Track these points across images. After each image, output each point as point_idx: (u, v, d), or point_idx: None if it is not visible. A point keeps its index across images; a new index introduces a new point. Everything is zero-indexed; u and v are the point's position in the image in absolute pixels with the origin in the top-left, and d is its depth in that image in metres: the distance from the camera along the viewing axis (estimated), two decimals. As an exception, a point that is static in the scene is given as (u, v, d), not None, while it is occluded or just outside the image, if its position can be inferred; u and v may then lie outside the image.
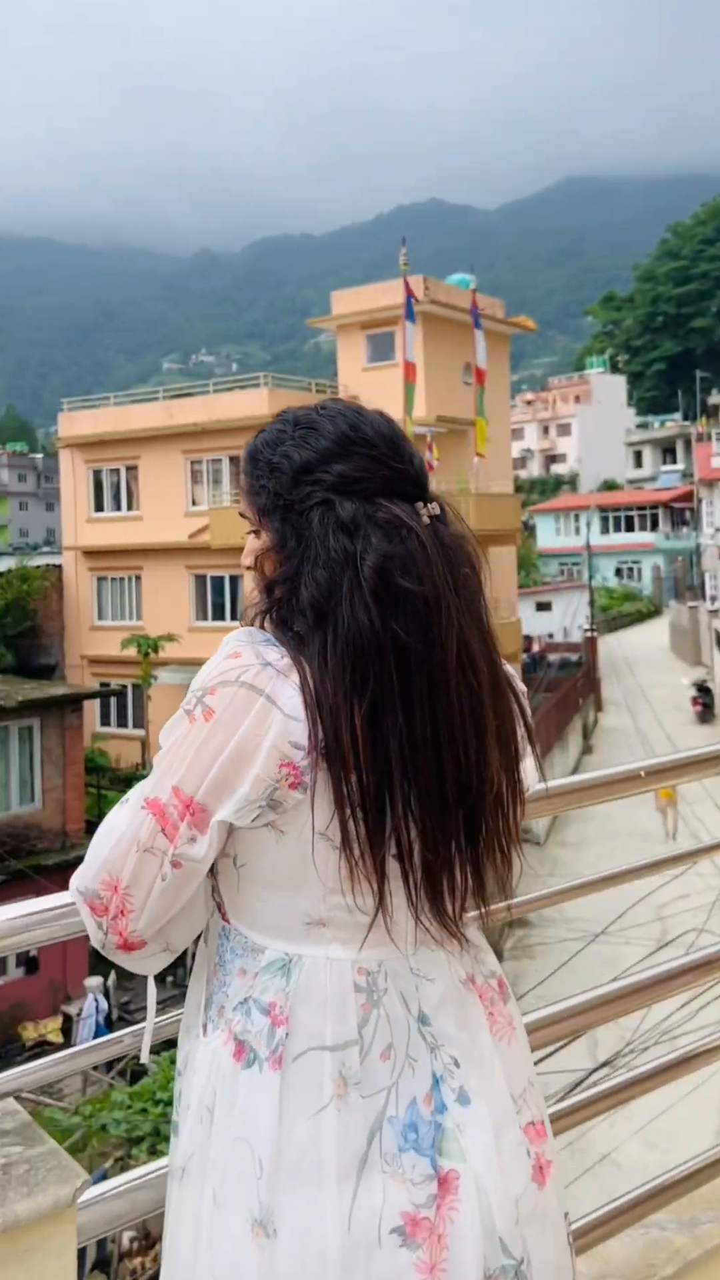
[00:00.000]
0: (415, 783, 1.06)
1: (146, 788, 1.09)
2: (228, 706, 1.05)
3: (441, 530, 1.14)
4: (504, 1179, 1.07)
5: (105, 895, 1.08)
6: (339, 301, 29.50)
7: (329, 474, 1.13)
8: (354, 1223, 1.00)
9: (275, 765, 1.04)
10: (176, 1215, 1.12)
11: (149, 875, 1.06)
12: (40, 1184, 1.08)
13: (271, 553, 1.16)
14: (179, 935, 1.14)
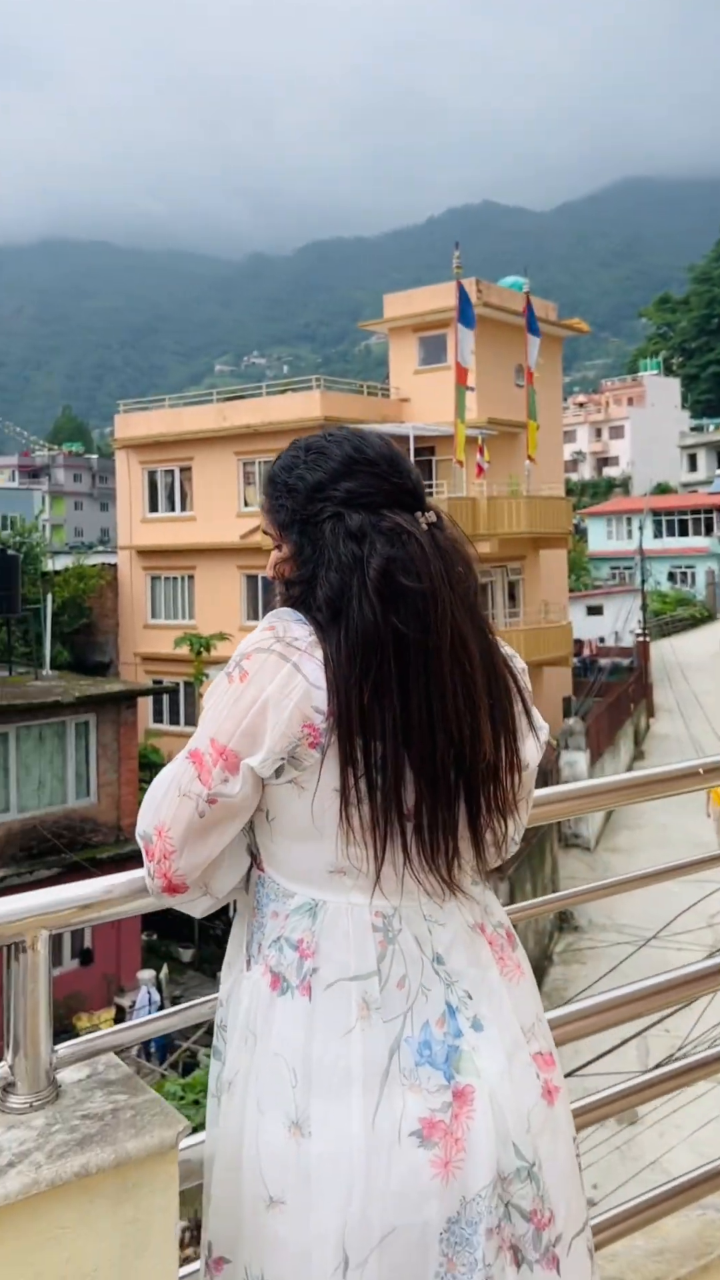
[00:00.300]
0: (410, 752, 1.20)
1: (191, 742, 1.26)
2: (260, 669, 1.21)
3: (438, 535, 1.29)
4: (516, 1094, 1.21)
5: (154, 839, 1.24)
6: (391, 304, 29.59)
7: (338, 491, 1.30)
8: (377, 1125, 1.15)
9: (298, 724, 1.19)
10: (223, 1124, 1.26)
11: (186, 816, 1.22)
12: (147, 1126, 1.18)
13: (291, 561, 1.32)
14: (219, 882, 1.28)
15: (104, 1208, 1.15)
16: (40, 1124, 1.19)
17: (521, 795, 1.34)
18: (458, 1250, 1.14)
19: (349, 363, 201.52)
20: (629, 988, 1.84)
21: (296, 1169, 1.16)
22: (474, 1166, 1.15)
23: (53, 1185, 1.10)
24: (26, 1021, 1.24)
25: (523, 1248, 1.19)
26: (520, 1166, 1.19)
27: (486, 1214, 1.15)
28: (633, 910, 19.38)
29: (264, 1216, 1.19)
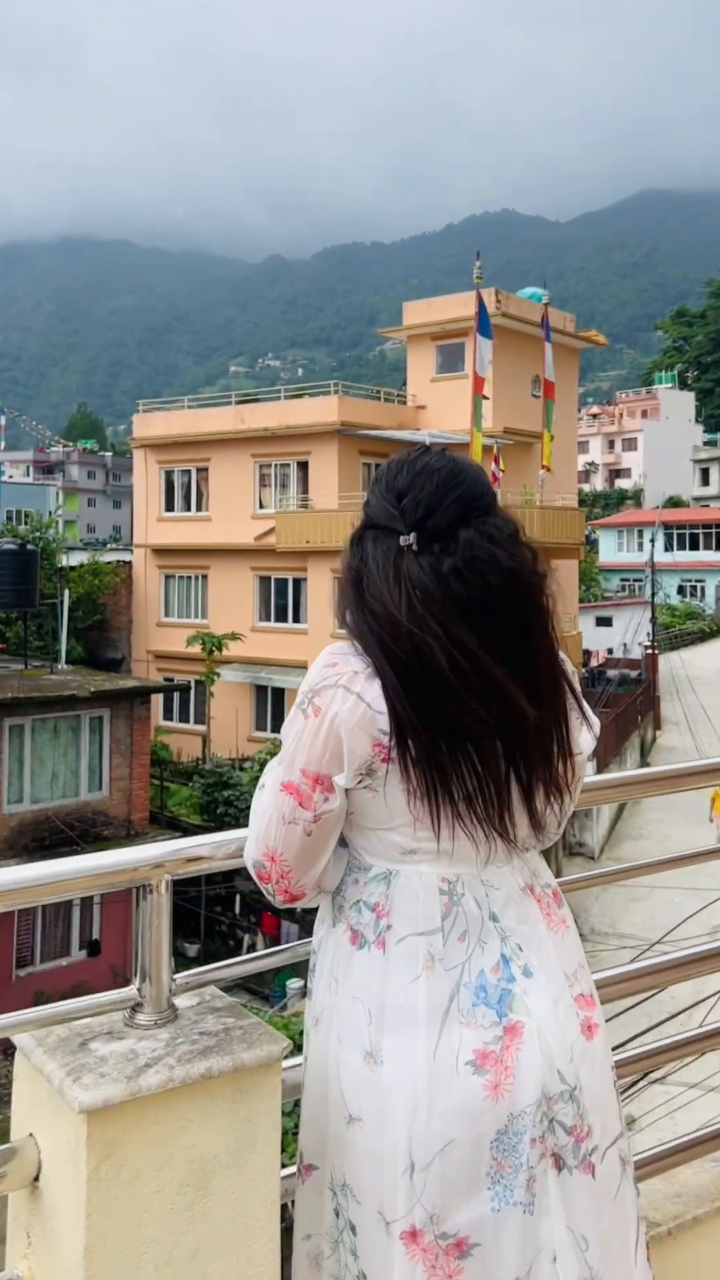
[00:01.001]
0: (460, 753, 1.39)
1: (280, 774, 1.44)
2: (330, 703, 1.41)
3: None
4: (560, 1030, 1.42)
5: (267, 865, 1.45)
6: (410, 312, 29.82)
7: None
8: (438, 1056, 1.36)
9: (369, 744, 1.39)
10: (312, 1052, 1.48)
11: (297, 839, 1.43)
12: (256, 1041, 1.40)
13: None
14: (328, 879, 1.49)
15: (222, 1106, 1.36)
16: (165, 1037, 1.40)
17: (574, 779, 1.53)
18: (506, 1155, 1.35)
19: (364, 367, 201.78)
20: (658, 959, 2.05)
21: (371, 1092, 1.38)
22: (521, 1088, 1.36)
23: (183, 1083, 1.31)
24: (153, 952, 1.46)
25: (564, 1155, 1.39)
26: (563, 1089, 1.40)
27: (531, 1126, 1.36)
28: (635, 920, 19.56)
29: (345, 1131, 1.41)
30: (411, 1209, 1.33)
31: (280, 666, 28.35)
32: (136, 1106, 1.29)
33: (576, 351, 32.67)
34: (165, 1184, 1.32)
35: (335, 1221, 1.43)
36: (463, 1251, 1.33)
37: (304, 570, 27.76)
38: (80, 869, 1.45)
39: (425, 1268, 1.33)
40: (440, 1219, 1.33)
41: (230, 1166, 1.36)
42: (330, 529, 26.53)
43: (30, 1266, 1.39)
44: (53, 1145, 1.35)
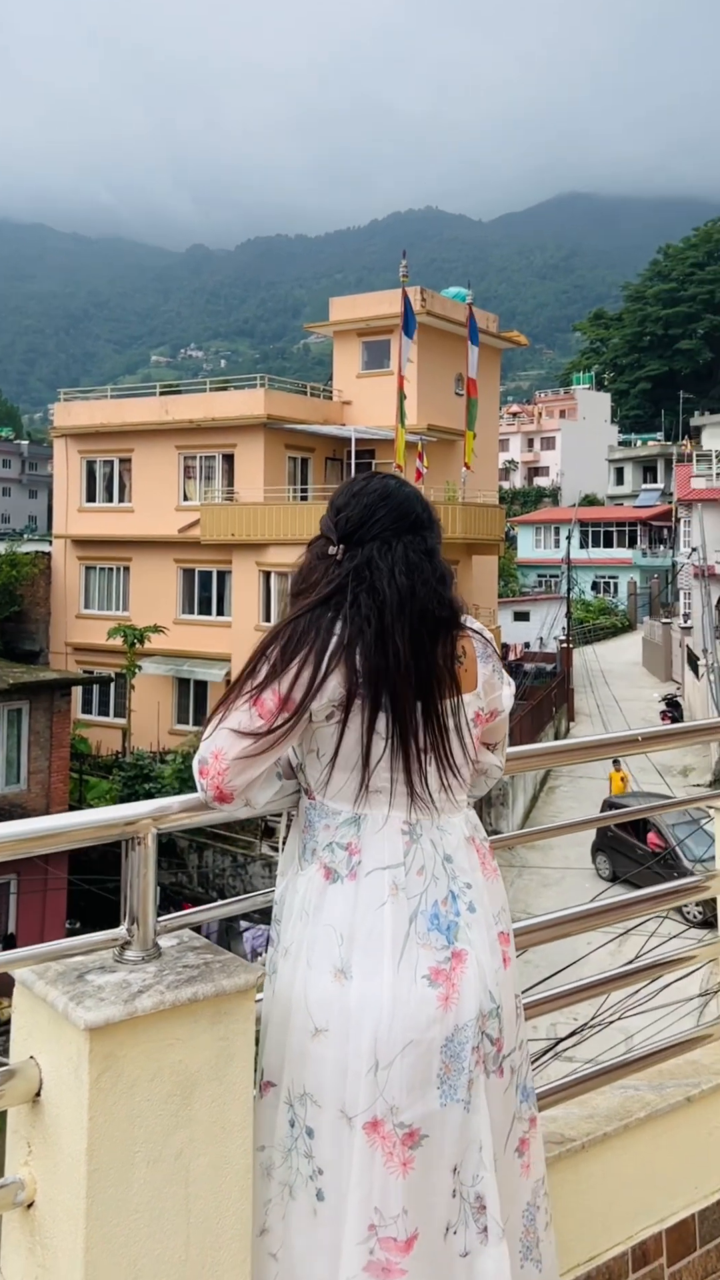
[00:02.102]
0: (415, 702, 1.65)
1: (251, 691, 1.64)
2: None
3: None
4: (490, 958, 1.68)
5: (210, 761, 1.64)
6: (337, 308, 30.02)
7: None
8: (400, 970, 1.60)
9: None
10: (280, 981, 1.69)
11: (242, 747, 1.61)
12: (234, 972, 1.60)
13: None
14: (258, 796, 1.69)
15: (204, 1027, 1.56)
16: (153, 970, 1.59)
17: (497, 736, 1.85)
18: (451, 1059, 1.60)
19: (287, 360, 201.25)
20: (580, 907, 2.31)
21: (339, 1004, 1.60)
22: (464, 1004, 1.62)
23: (173, 1005, 1.51)
24: (140, 897, 1.65)
25: (487, 1062, 1.66)
26: (491, 1008, 1.66)
27: (472, 1036, 1.62)
28: (547, 903, 20.09)
29: (309, 1044, 1.62)
30: (374, 1102, 1.56)
31: (203, 659, 28.34)
32: (131, 1026, 1.49)
33: (499, 351, 33.25)
34: (155, 1093, 1.51)
35: (290, 1131, 1.65)
36: (414, 1142, 1.57)
37: (228, 563, 27.79)
38: (76, 823, 1.63)
39: (383, 1154, 1.56)
40: (398, 1110, 1.56)
41: (211, 1079, 1.57)
42: (256, 522, 26.61)
43: (31, 1172, 1.58)
44: (54, 1063, 1.53)
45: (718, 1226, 2.36)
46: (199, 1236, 1.55)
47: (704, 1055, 2.49)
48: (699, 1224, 2.32)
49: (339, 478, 29.36)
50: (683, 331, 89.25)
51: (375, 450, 28.75)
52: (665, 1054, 2.40)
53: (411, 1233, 1.55)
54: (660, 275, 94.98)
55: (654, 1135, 2.28)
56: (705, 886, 2.54)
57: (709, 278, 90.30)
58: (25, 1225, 1.58)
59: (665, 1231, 2.26)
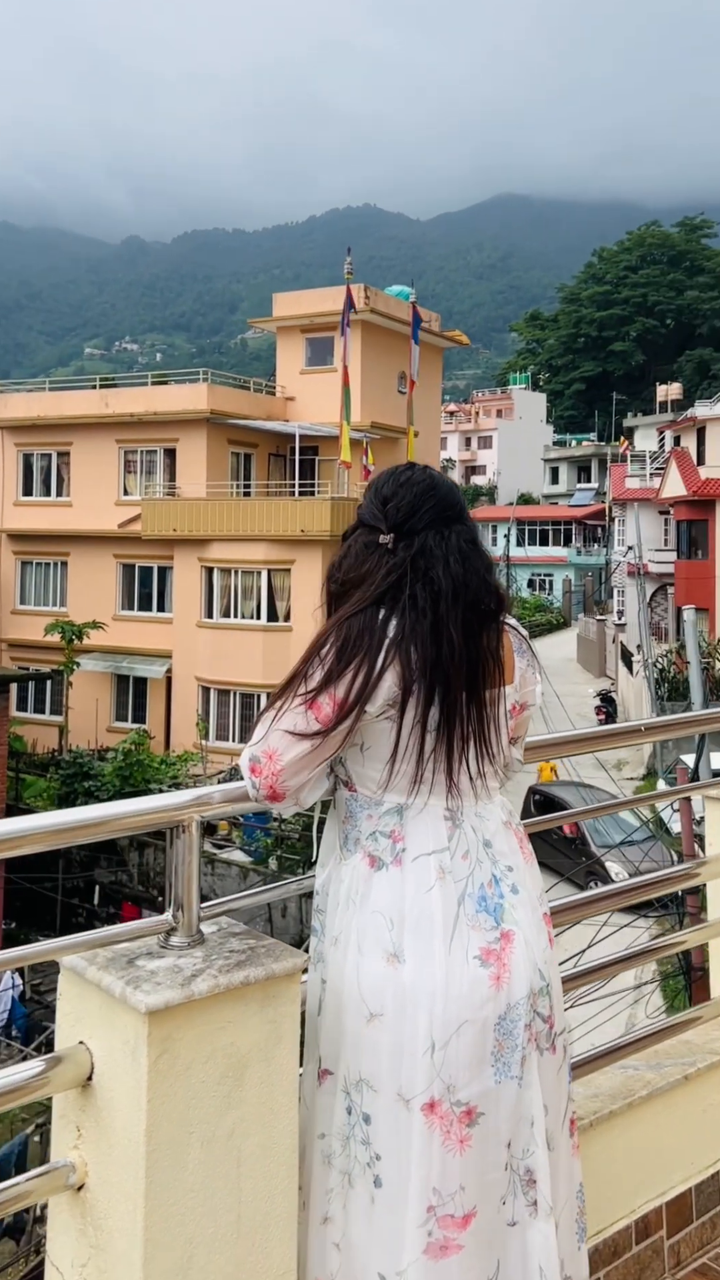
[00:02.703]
0: (459, 696, 1.68)
1: (306, 693, 1.66)
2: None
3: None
4: (538, 938, 1.73)
5: (263, 760, 1.67)
6: (281, 303, 29.96)
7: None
8: (453, 951, 1.63)
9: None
10: (331, 969, 1.72)
11: (299, 747, 1.64)
12: (281, 955, 1.63)
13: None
14: (308, 796, 1.72)
15: (254, 1010, 1.59)
16: (200, 955, 1.62)
17: (524, 730, 1.91)
18: (505, 1037, 1.65)
19: (225, 355, 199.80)
20: (573, 897, 2.38)
21: (393, 988, 1.63)
22: (516, 982, 1.66)
23: (227, 989, 1.54)
24: (185, 884, 1.67)
25: (540, 1040, 1.70)
26: (541, 985, 1.71)
27: (524, 1015, 1.67)
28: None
29: (364, 1029, 1.65)
30: (431, 1083, 1.60)
31: (144, 656, 28.09)
32: (187, 1009, 1.51)
33: (441, 350, 33.48)
34: (209, 1075, 1.54)
35: (347, 1119, 1.67)
36: (471, 1119, 1.61)
37: (170, 559, 27.57)
38: (123, 811, 1.65)
39: (441, 1134, 1.60)
40: (455, 1089, 1.60)
41: (261, 1060, 1.60)
42: (198, 518, 26.46)
43: (82, 1155, 1.60)
44: (108, 1047, 1.55)
45: (713, 1198, 2.45)
46: (249, 1214, 1.58)
47: (696, 1036, 2.58)
48: (696, 1197, 2.41)
49: (282, 474, 29.33)
50: (616, 334, 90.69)
51: (319, 447, 28.78)
52: (661, 1035, 2.49)
53: (470, 1209, 1.59)
54: (595, 278, 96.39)
55: (654, 1113, 2.36)
56: (695, 874, 2.63)
57: (641, 281, 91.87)
58: (75, 1207, 1.60)
59: (665, 1205, 2.35)
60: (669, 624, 44.09)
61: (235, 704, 26.52)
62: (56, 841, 1.62)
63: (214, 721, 26.33)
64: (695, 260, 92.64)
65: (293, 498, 26.80)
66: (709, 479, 38.14)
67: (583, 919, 2.39)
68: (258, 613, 26.28)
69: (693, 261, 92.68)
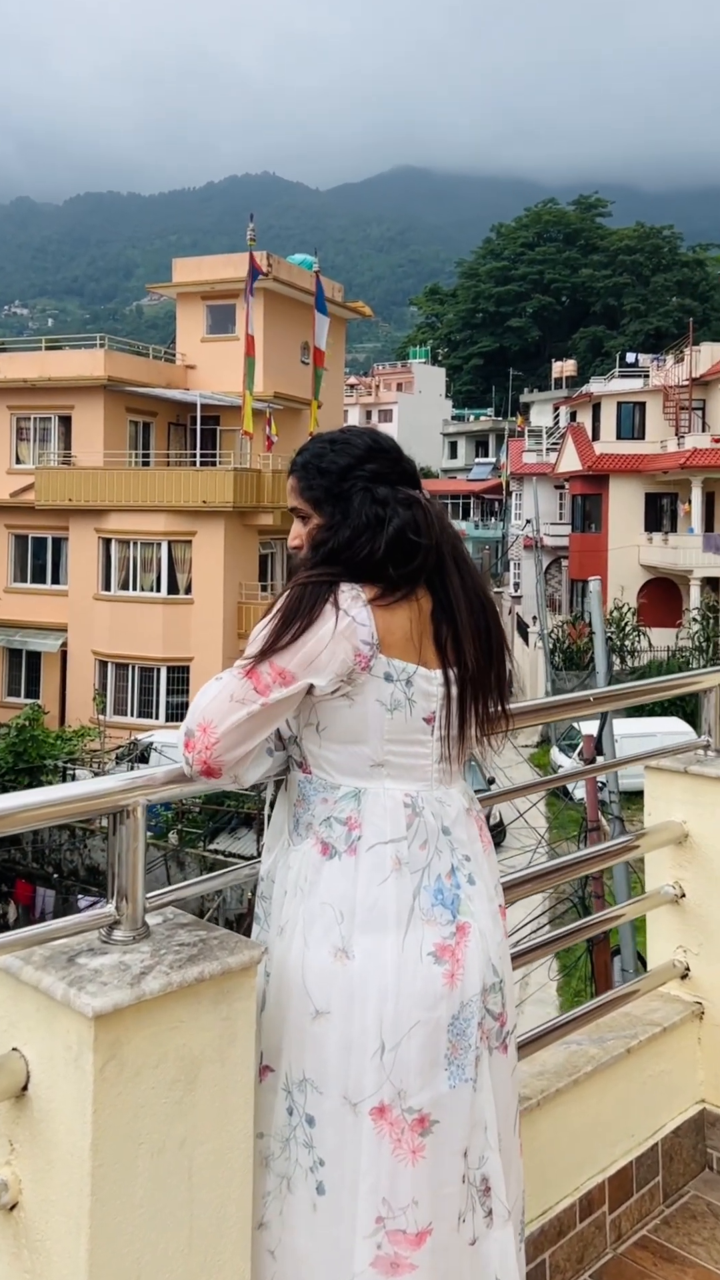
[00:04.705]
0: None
1: (245, 662, 1.56)
2: (319, 615, 1.56)
3: (434, 505, 1.71)
4: (493, 931, 1.65)
5: (196, 734, 1.54)
6: (181, 269, 29.27)
7: (364, 472, 1.67)
8: (405, 948, 1.54)
9: (350, 653, 1.55)
10: (278, 959, 1.62)
11: (236, 718, 1.52)
12: (235, 948, 1.52)
13: (319, 529, 1.67)
14: (248, 774, 1.60)
15: (207, 1007, 1.47)
16: (147, 950, 1.49)
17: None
18: (458, 1038, 1.56)
19: (119, 322, 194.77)
20: (520, 872, 2.32)
21: (340, 984, 1.53)
22: (469, 979, 1.58)
23: (180, 987, 1.42)
24: (129, 873, 1.54)
25: (491, 1038, 1.62)
26: (494, 982, 1.63)
27: (476, 1014, 1.58)
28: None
29: (309, 1026, 1.55)
30: (380, 1087, 1.51)
31: (37, 630, 27.35)
32: (136, 1011, 1.39)
33: (344, 321, 33.21)
34: (160, 1080, 1.42)
35: (288, 1120, 1.57)
36: (425, 1128, 1.52)
37: (65, 529, 26.83)
38: (64, 796, 1.51)
39: (392, 1141, 1.50)
40: (406, 1094, 1.51)
41: (214, 1061, 1.48)
42: (96, 487, 25.79)
43: (15, 1171, 1.46)
44: (46, 1054, 1.42)
45: (651, 1170, 2.44)
46: (202, 1228, 1.47)
47: (635, 1008, 2.56)
48: (636, 1169, 2.40)
49: (183, 444, 28.78)
50: (513, 310, 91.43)
51: (221, 417, 28.29)
52: (603, 1009, 2.46)
53: (424, 1226, 1.51)
54: (493, 254, 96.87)
55: (599, 1088, 2.33)
56: (635, 846, 2.61)
57: (538, 258, 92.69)
58: (6, 1228, 1.47)
59: (608, 1180, 2.32)
60: (563, 596, 45.00)
61: (134, 678, 26.05)
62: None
63: (112, 696, 25.81)
64: (590, 239, 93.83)
65: (194, 468, 26.33)
66: (603, 454, 38.91)
67: (530, 894, 2.34)
68: (158, 585, 25.81)
69: (587, 240, 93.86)
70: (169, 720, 25.14)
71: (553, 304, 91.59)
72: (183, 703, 25.32)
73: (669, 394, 38.79)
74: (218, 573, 25.23)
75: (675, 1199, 2.46)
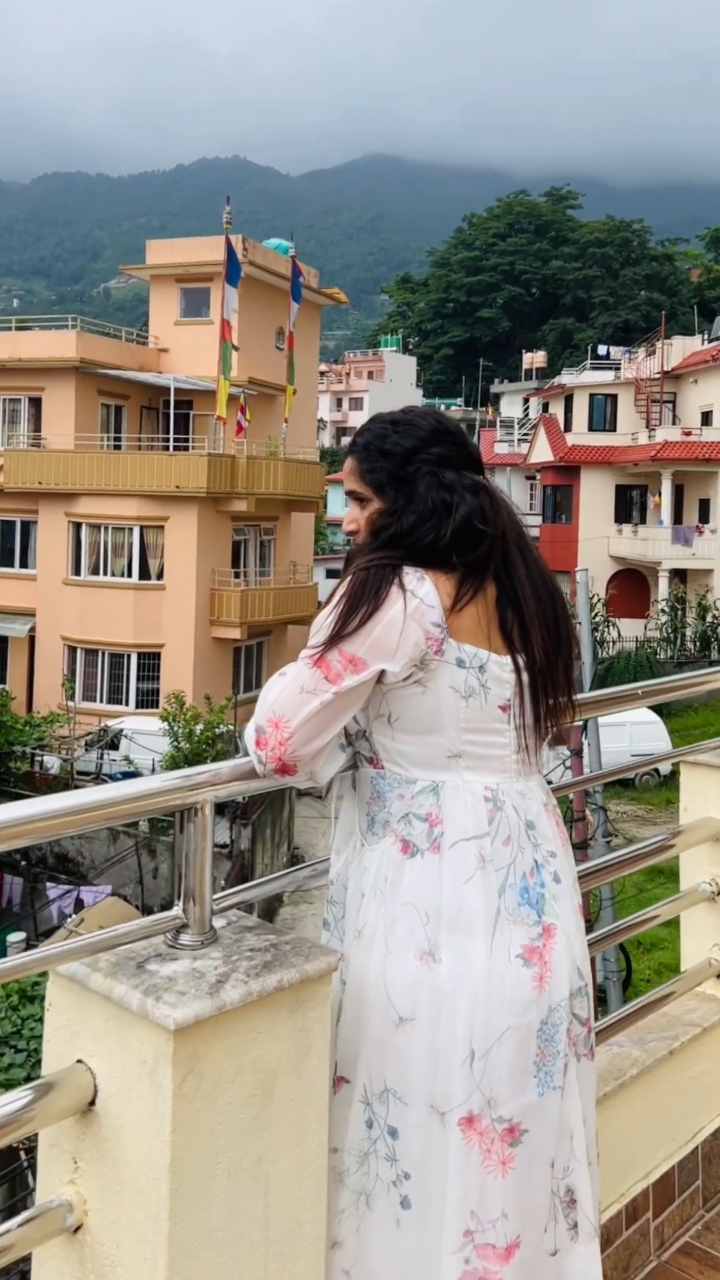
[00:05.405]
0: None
1: (312, 652, 1.48)
2: (379, 592, 1.49)
3: (499, 492, 1.64)
4: (577, 933, 1.58)
5: (268, 730, 1.47)
6: (155, 250, 28.90)
7: (430, 455, 1.60)
8: (494, 950, 1.47)
9: (421, 636, 1.48)
10: (356, 963, 1.53)
11: (309, 709, 1.45)
12: (311, 954, 1.43)
13: (380, 514, 1.59)
14: (323, 770, 1.52)
15: (283, 1017, 1.39)
16: (218, 955, 1.41)
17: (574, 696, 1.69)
18: (547, 1044, 1.49)
19: (87, 304, 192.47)
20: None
21: (427, 990, 1.45)
22: (558, 982, 1.51)
23: (260, 996, 1.33)
24: (197, 874, 1.45)
25: (578, 1044, 1.56)
26: (580, 985, 1.56)
27: (564, 1019, 1.51)
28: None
29: (391, 1034, 1.47)
30: (469, 1096, 1.43)
31: (4, 614, 26.97)
32: (214, 1022, 1.30)
33: (318, 308, 32.97)
34: (237, 1094, 1.34)
35: (367, 1133, 1.49)
36: (515, 1138, 1.45)
37: (34, 513, 26.47)
38: (130, 794, 1.41)
39: (481, 1152, 1.43)
40: (496, 1103, 1.44)
41: (290, 1074, 1.40)
42: (66, 470, 25.45)
43: (79, 1191, 1.37)
44: (116, 1067, 1.33)
45: (692, 1174, 2.39)
46: (277, 1249, 1.40)
47: (674, 1009, 2.51)
48: (678, 1174, 2.34)
49: (155, 428, 28.45)
50: (484, 300, 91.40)
51: (194, 401, 28.00)
52: (643, 1011, 2.40)
53: (513, 1239, 1.44)
54: (464, 243, 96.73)
55: (643, 1091, 2.27)
56: (671, 844, 2.55)
57: (509, 249, 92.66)
58: (71, 1252, 1.38)
59: (651, 1186, 2.27)
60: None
61: (104, 664, 25.78)
62: (55, 830, 1.37)
63: (81, 682, 25.52)
64: (561, 231, 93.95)
65: (167, 452, 26.04)
66: (575, 445, 39.01)
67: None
68: (129, 570, 25.53)
69: (558, 232, 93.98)
70: (139, 707, 24.91)
71: (523, 295, 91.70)
72: (153, 689, 25.12)
73: (640, 386, 38.95)
74: (190, 559, 24.99)
75: (715, 1203, 2.42)
